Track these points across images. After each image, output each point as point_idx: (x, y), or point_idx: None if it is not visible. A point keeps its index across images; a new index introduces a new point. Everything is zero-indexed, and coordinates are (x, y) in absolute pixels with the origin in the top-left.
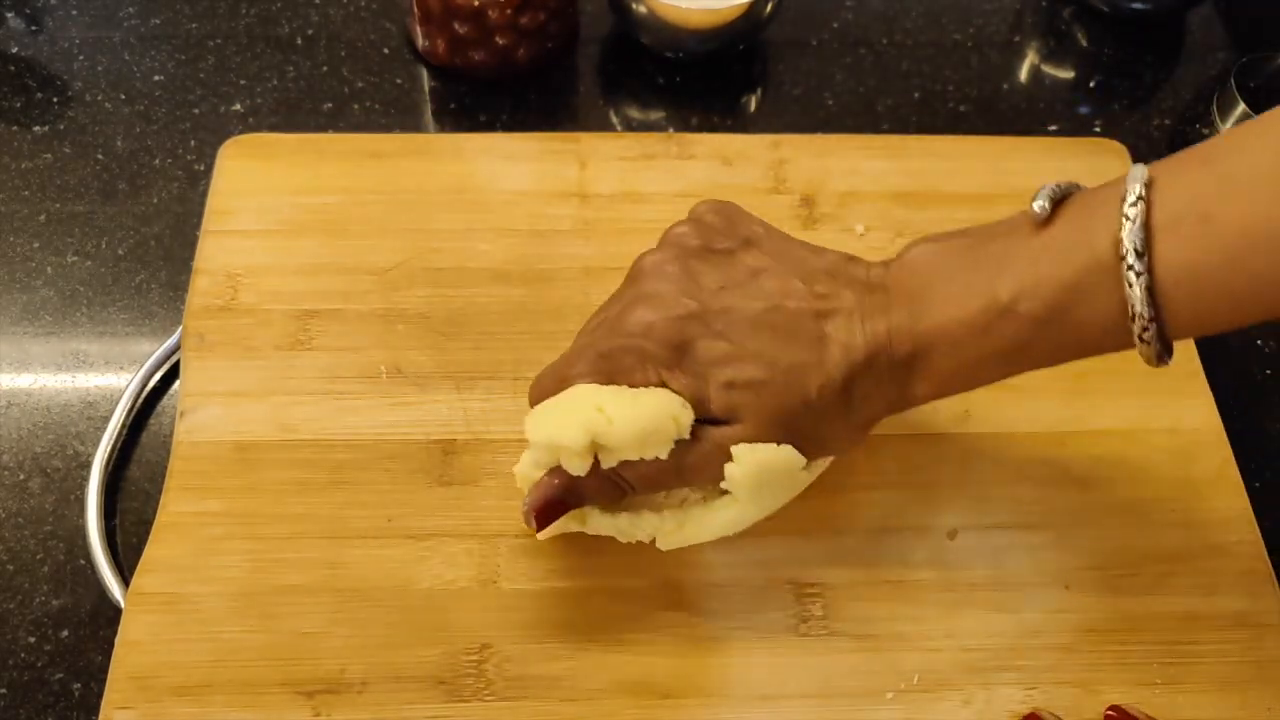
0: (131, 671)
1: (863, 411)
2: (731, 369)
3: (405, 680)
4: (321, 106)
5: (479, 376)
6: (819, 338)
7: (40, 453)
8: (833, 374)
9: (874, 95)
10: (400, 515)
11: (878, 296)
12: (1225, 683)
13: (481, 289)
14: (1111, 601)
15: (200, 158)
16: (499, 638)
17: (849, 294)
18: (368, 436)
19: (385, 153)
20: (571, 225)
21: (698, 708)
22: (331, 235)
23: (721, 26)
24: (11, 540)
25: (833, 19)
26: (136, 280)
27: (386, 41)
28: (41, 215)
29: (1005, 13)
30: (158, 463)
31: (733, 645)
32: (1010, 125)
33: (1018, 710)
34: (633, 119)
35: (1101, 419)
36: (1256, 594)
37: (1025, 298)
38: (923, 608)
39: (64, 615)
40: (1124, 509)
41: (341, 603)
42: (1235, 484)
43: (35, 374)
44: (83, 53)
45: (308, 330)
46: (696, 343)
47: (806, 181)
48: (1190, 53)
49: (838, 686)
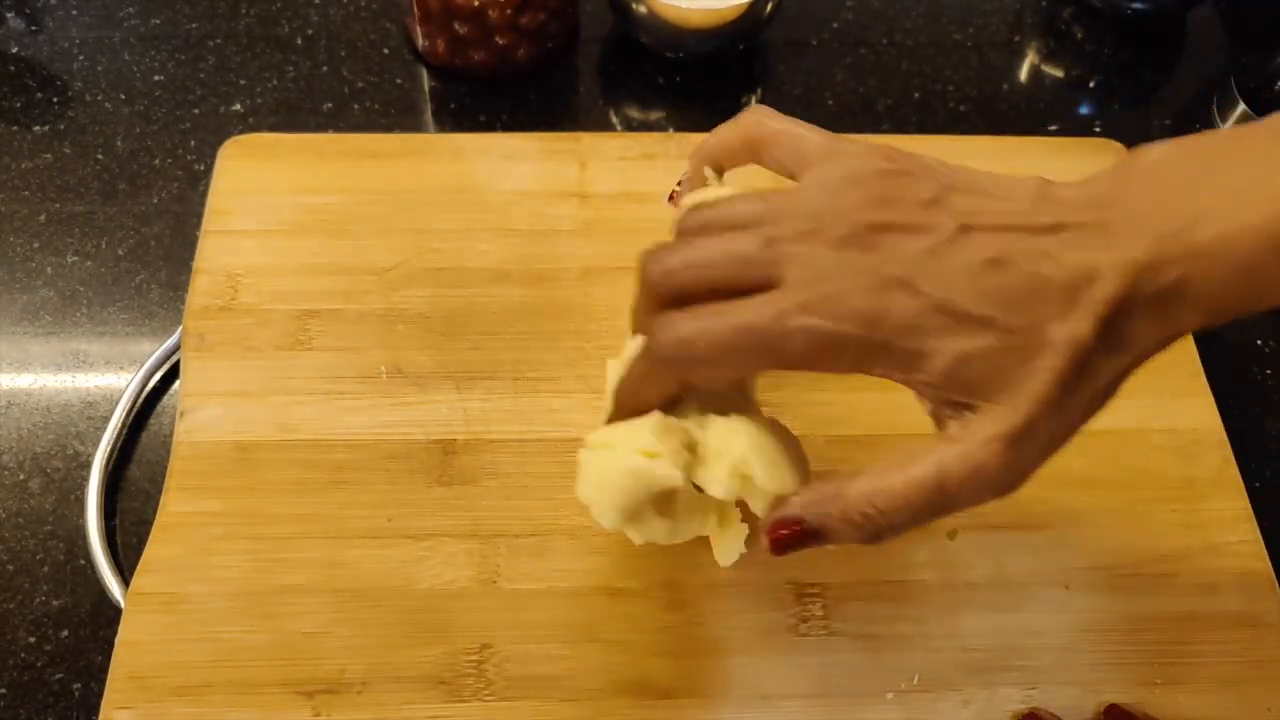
0: (131, 671)
1: (1121, 357)
2: (955, 340)
3: (405, 680)
4: (321, 106)
5: (479, 376)
6: (1057, 279)
7: (40, 453)
8: (1082, 323)
9: (874, 95)
10: (400, 515)
11: (1122, 206)
12: (1225, 683)
13: (481, 289)
14: (1111, 601)
15: (200, 158)
16: (499, 638)
17: (1084, 214)
18: (367, 436)
19: (385, 153)
20: (571, 225)
21: (698, 708)
22: (331, 235)
23: (721, 26)
24: (11, 540)
25: (833, 19)
26: (136, 280)
27: (386, 41)
28: (41, 215)
29: (1005, 13)
30: (158, 463)
31: (733, 645)
32: (1010, 125)
33: (1018, 710)
34: (633, 119)
35: (1101, 419)
36: (1256, 594)
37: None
38: (923, 608)
39: (64, 615)
40: (1124, 509)
41: (341, 603)
42: (1235, 484)
43: (35, 374)
44: (83, 53)
45: (308, 330)
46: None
47: None
48: (1190, 53)
49: (838, 686)
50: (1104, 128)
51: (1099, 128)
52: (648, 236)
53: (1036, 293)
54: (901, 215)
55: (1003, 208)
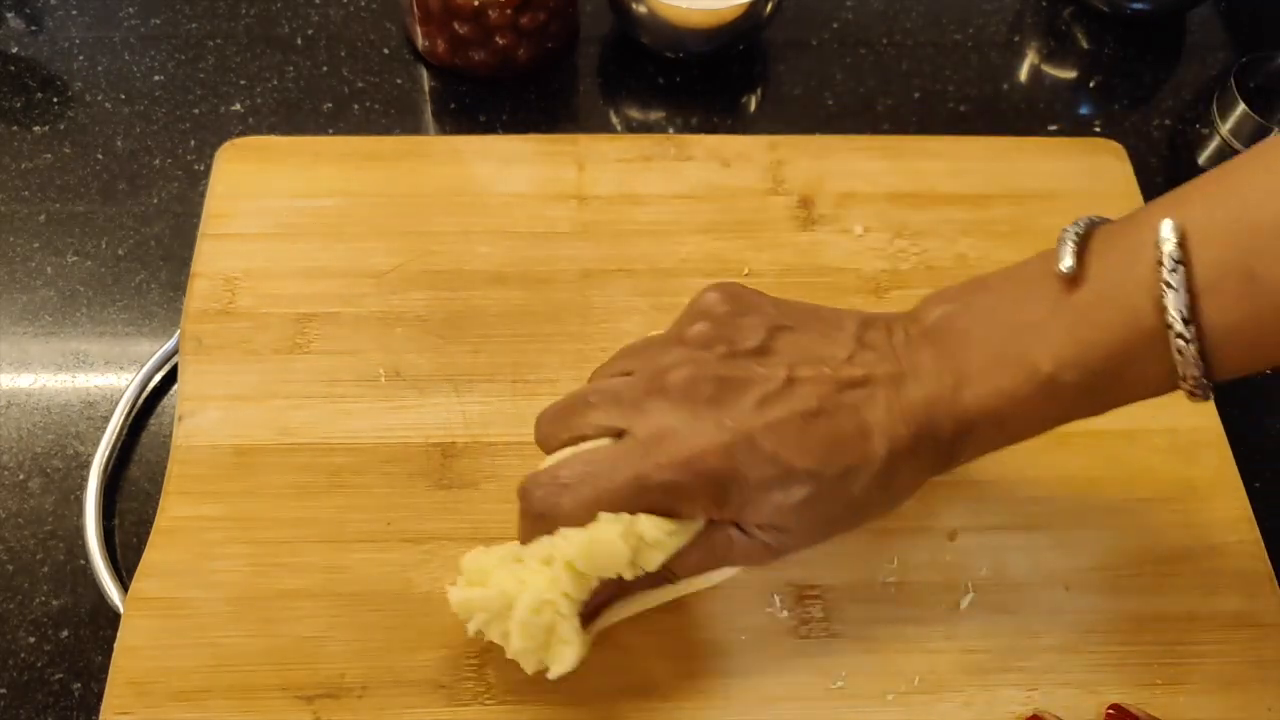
0: (131, 677)
1: (904, 488)
2: (780, 494)
3: (405, 684)
4: (321, 107)
5: (478, 379)
6: (862, 433)
7: (40, 453)
8: (877, 469)
9: (874, 95)
10: (399, 518)
11: (909, 362)
12: (1225, 683)
13: (480, 291)
14: (1111, 602)
15: (200, 158)
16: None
17: (883, 368)
18: (366, 440)
19: (382, 155)
20: (570, 227)
21: (698, 710)
22: (329, 238)
23: (721, 26)
24: (11, 540)
25: (833, 19)
26: (136, 280)
27: (386, 41)
28: (41, 215)
29: (1005, 13)
30: (157, 463)
31: (734, 648)
32: (1010, 125)
33: (1019, 711)
34: (633, 119)
35: (1101, 419)
36: (1256, 594)
37: (1068, 368)
38: (923, 609)
39: (64, 615)
40: (1124, 509)
41: (341, 607)
42: (1235, 484)
43: (35, 374)
44: (83, 53)
45: (306, 334)
46: (746, 472)
47: (805, 182)
48: (1190, 53)
49: (838, 689)
50: (1104, 128)
51: (1099, 128)
52: (646, 238)
53: (845, 445)
54: (737, 368)
55: (823, 354)
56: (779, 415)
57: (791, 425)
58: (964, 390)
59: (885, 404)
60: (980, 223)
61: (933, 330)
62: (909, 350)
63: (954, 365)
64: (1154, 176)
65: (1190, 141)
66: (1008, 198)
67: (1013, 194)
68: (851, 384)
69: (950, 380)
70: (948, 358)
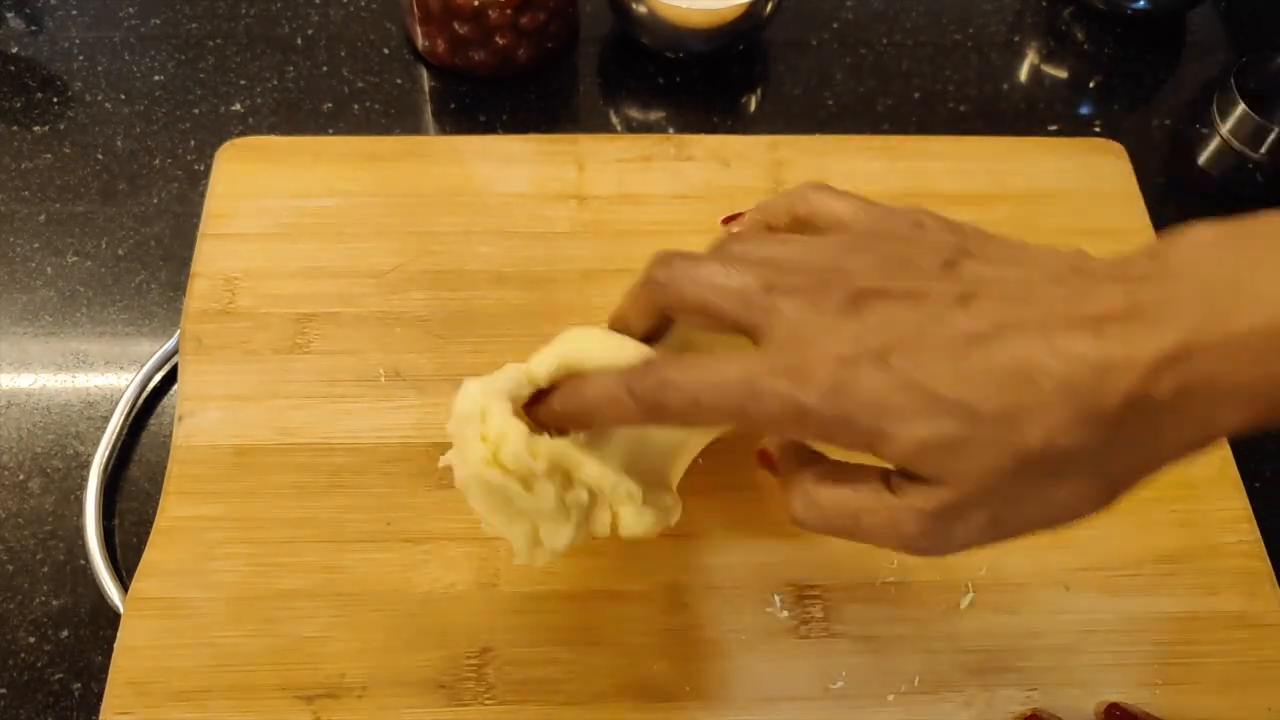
0: (131, 677)
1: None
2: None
3: (405, 684)
4: (321, 107)
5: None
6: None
7: (40, 453)
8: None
9: (874, 95)
10: (399, 519)
11: (1152, 290)
12: (1225, 683)
13: (480, 291)
14: (1111, 601)
15: (200, 158)
16: (499, 641)
17: (1115, 290)
18: (366, 440)
19: (382, 155)
20: (570, 227)
21: (699, 710)
22: (329, 238)
23: (721, 26)
24: (11, 540)
25: (833, 19)
26: (136, 280)
27: (386, 41)
28: (41, 215)
29: (1005, 13)
30: (158, 463)
31: (733, 648)
32: (1010, 125)
33: (1019, 711)
34: (633, 119)
35: None
36: (1256, 594)
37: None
38: (923, 609)
39: (64, 615)
40: (1124, 509)
41: (341, 607)
42: (1235, 484)
43: (35, 374)
44: (83, 53)
45: (306, 334)
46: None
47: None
48: (1190, 53)
49: (838, 689)
50: (1104, 128)
51: (1099, 128)
52: (646, 238)
53: (1023, 380)
54: (901, 282)
55: (1020, 276)
56: (936, 337)
57: (947, 348)
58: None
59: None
60: (980, 223)
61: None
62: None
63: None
64: (1154, 176)
65: (1190, 141)
66: (1008, 198)
67: (1013, 194)
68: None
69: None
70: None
